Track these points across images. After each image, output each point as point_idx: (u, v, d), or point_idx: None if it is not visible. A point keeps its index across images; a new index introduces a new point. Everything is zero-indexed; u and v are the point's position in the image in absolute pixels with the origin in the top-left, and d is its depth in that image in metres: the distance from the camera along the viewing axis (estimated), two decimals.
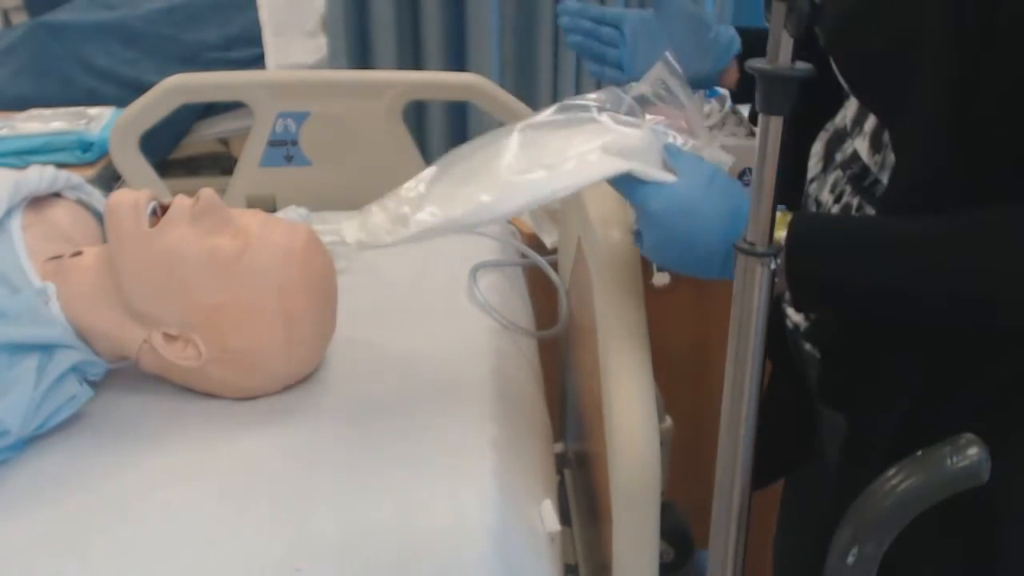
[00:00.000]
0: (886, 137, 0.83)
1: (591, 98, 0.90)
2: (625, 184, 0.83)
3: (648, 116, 0.88)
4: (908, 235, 0.76)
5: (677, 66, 0.90)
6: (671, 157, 0.84)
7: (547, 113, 0.89)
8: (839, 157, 0.89)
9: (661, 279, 1.54)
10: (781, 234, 0.78)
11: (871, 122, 0.85)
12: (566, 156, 0.84)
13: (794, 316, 0.98)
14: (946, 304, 0.76)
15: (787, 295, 0.81)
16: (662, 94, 0.90)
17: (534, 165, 0.84)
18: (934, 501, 0.73)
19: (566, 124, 0.88)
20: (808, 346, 0.96)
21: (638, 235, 0.85)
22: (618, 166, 0.82)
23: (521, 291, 1.33)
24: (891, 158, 0.82)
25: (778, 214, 0.79)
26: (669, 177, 0.82)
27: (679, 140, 0.88)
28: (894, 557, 0.77)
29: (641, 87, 0.91)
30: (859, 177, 0.86)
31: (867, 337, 0.86)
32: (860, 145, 0.86)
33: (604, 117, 0.87)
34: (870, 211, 0.84)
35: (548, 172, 0.84)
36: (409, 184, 0.90)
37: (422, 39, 2.08)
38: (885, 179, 0.83)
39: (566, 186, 0.83)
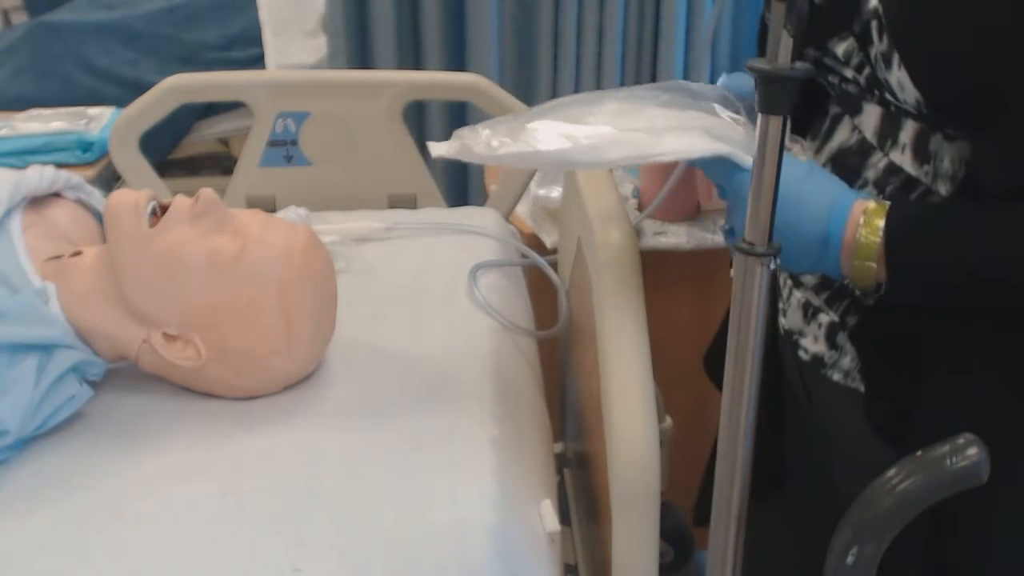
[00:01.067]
0: (932, 146, 0.82)
1: (702, 86, 0.90)
2: (722, 169, 0.83)
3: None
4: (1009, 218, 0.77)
5: None
6: None
7: (653, 85, 0.90)
8: (870, 174, 0.87)
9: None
10: (879, 223, 0.79)
11: (908, 132, 0.84)
12: (668, 125, 0.85)
13: (812, 347, 0.97)
14: None
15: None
16: None
17: (635, 127, 0.85)
18: (933, 501, 0.73)
19: (671, 103, 0.88)
20: (838, 376, 0.94)
21: (730, 232, 0.84)
22: (720, 148, 0.82)
23: (521, 291, 1.33)
24: (945, 167, 0.82)
25: (873, 204, 0.80)
26: None
27: None
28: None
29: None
30: (904, 190, 0.85)
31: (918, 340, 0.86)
32: (899, 158, 0.85)
33: (716, 106, 0.88)
34: None
35: (654, 136, 0.84)
36: (502, 117, 0.89)
37: (422, 39, 2.09)
38: (942, 189, 0.82)
39: (668, 152, 0.83)
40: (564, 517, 1.23)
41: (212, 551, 0.78)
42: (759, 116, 0.73)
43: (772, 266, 0.76)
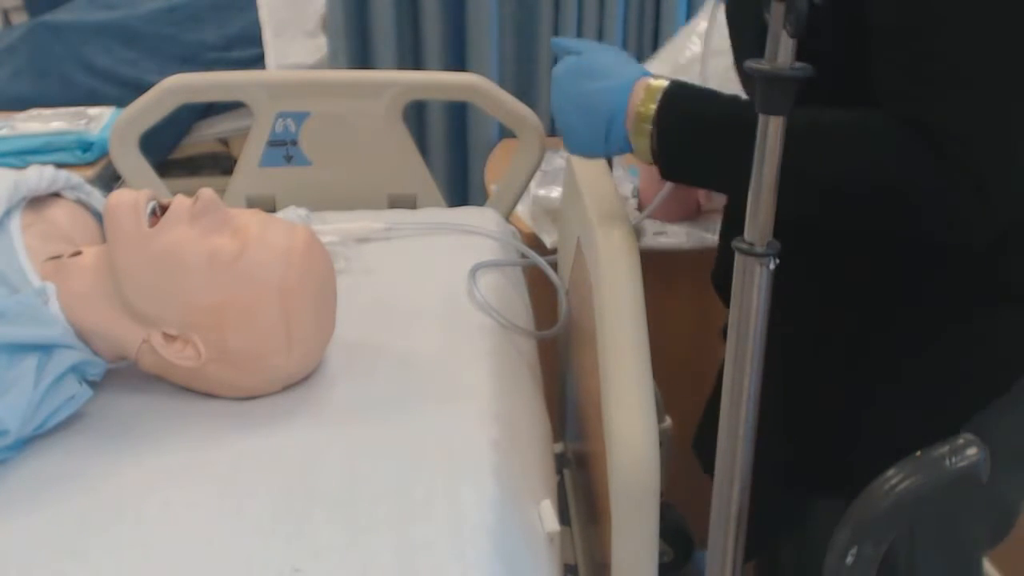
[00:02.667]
0: None
1: None
2: None
3: None
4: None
5: None
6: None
7: None
8: None
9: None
10: (658, 95, 0.89)
11: None
12: None
13: None
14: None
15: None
16: None
17: None
18: (933, 502, 0.73)
19: None
20: None
21: None
22: None
23: (521, 291, 1.33)
24: None
25: (656, 81, 0.90)
26: None
27: None
28: None
29: None
30: None
31: None
32: None
33: None
34: None
35: None
36: None
37: (422, 39, 2.08)
38: None
39: None
40: (564, 517, 1.23)
41: (212, 551, 0.78)
42: (759, 116, 0.73)
43: (771, 266, 0.76)
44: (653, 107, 0.89)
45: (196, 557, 0.77)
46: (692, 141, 0.89)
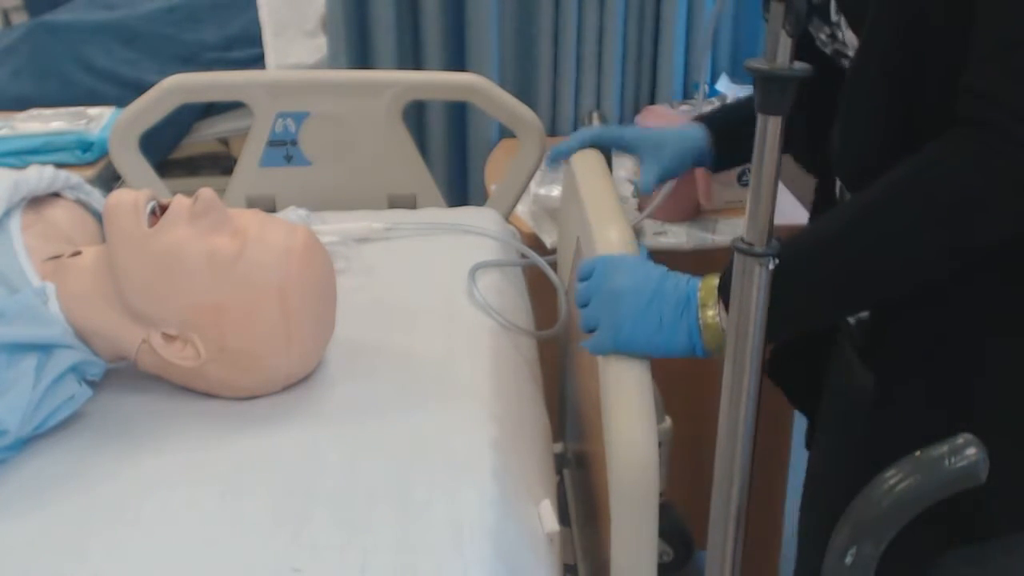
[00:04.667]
0: None
1: None
2: None
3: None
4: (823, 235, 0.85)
5: None
6: None
7: None
8: None
9: None
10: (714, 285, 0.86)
11: None
12: None
13: None
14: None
15: None
16: None
17: None
18: (932, 501, 0.73)
19: None
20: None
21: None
22: None
23: (521, 291, 1.33)
24: None
25: (702, 285, 0.87)
26: None
27: None
28: None
29: None
30: None
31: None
32: None
33: None
34: None
35: None
36: None
37: (422, 39, 2.08)
38: None
39: None
40: (563, 517, 1.23)
41: (212, 551, 0.78)
42: (758, 116, 0.73)
43: (771, 266, 0.76)
44: (715, 281, 0.87)
45: (196, 557, 0.77)
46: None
